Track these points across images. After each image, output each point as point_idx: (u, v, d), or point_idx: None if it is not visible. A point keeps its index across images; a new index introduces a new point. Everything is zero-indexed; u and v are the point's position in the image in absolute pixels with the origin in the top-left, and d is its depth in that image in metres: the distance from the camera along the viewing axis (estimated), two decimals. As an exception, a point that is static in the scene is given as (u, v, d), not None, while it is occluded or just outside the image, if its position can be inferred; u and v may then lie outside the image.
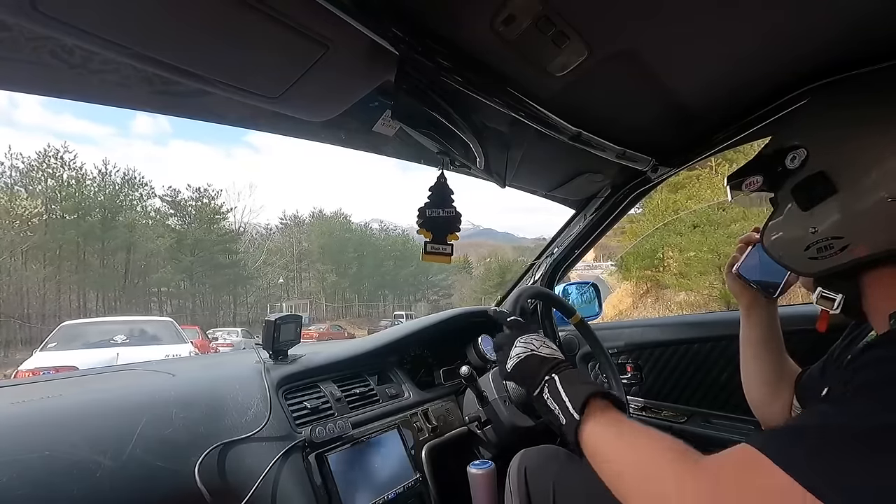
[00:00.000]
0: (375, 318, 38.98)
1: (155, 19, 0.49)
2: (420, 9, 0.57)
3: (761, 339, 0.81)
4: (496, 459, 0.99)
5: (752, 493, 0.41)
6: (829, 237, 0.56)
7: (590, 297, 1.57)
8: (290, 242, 41.16)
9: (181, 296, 32.43)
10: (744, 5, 0.58)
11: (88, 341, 5.93)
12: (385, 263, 44.52)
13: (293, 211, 50.83)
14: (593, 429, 0.57)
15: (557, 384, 0.62)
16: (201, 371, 1.04)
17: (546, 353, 0.68)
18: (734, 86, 0.77)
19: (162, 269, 30.63)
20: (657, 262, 17.37)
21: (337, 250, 41.36)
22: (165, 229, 31.84)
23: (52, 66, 0.56)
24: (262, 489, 0.75)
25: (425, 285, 48.64)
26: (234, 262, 33.67)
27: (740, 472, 0.43)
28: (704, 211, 13.71)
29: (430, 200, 0.83)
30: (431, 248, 0.84)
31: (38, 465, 0.62)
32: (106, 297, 29.13)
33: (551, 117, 0.78)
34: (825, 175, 0.55)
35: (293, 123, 0.80)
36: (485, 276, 46.19)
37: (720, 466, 0.46)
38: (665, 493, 0.47)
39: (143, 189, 31.54)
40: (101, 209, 28.80)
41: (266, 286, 37.01)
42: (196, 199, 33.19)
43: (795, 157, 0.59)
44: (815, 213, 0.57)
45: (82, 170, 28.42)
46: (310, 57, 0.58)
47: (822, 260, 0.57)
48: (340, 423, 0.89)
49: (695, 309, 15.13)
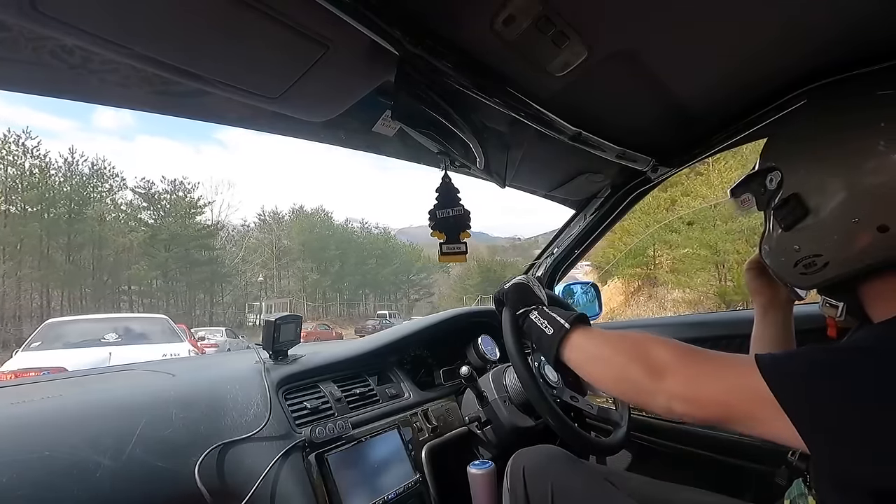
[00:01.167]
0: (357, 318, 38.16)
1: (155, 19, 0.49)
2: (420, 9, 0.57)
3: (776, 338, 0.82)
4: (496, 459, 0.99)
5: (733, 386, 0.49)
6: (811, 255, 0.57)
7: (591, 297, 1.57)
8: (269, 239, 39.87)
9: (153, 294, 30.60)
10: (744, 6, 0.58)
11: (76, 340, 5.47)
12: (367, 262, 43.76)
13: (272, 207, 49.53)
14: (582, 334, 0.65)
15: (546, 309, 0.72)
16: (201, 371, 1.04)
17: (537, 292, 0.78)
18: (734, 86, 0.77)
19: (135, 266, 28.89)
20: (647, 260, 17.38)
21: (318, 248, 40.30)
22: (138, 223, 30.03)
23: (52, 66, 0.56)
24: (262, 489, 0.75)
25: (406, 284, 48.06)
26: (212, 258, 31.84)
27: (732, 369, 0.51)
28: (702, 209, 13.72)
29: (438, 202, 0.83)
30: (447, 249, 0.84)
31: (38, 466, 0.62)
32: (71, 295, 27.16)
33: (551, 117, 0.78)
34: (798, 197, 0.56)
35: (293, 123, 0.80)
36: (464, 276, 46.04)
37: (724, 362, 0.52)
38: (657, 355, 0.55)
39: (114, 180, 29.48)
40: (66, 201, 26.63)
41: (244, 285, 35.69)
42: (171, 191, 31.22)
43: (772, 178, 0.60)
44: (795, 232, 0.58)
45: (46, 158, 26.25)
46: (310, 57, 0.58)
47: (811, 276, 0.58)
48: (340, 424, 0.89)
49: (691, 306, 15.11)
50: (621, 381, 0.59)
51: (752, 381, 0.47)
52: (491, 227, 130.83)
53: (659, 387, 0.54)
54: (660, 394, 0.54)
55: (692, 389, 0.52)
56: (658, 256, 17.12)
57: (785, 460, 0.69)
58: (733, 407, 0.49)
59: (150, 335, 5.91)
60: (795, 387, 0.46)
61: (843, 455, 0.44)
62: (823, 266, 0.56)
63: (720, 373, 0.51)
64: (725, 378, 0.50)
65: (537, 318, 0.71)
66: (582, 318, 0.69)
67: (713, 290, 14.52)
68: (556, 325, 0.67)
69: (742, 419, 0.49)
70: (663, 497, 0.83)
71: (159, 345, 5.47)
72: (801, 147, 0.58)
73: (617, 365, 0.60)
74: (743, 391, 0.48)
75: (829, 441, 0.44)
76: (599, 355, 0.63)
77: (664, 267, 16.81)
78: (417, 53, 0.59)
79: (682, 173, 3.87)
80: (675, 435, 1.28)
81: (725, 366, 0.52)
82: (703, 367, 0.53)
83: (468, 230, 0.84)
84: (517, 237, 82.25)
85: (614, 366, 0.60)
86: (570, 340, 0.65)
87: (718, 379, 0.51)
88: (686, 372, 0.53)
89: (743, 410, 0.49)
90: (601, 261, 11.15)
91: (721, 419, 0.50)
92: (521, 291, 0.77)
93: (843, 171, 0.53)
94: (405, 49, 0.58)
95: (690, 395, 0.52)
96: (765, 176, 0.61)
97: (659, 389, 0.54)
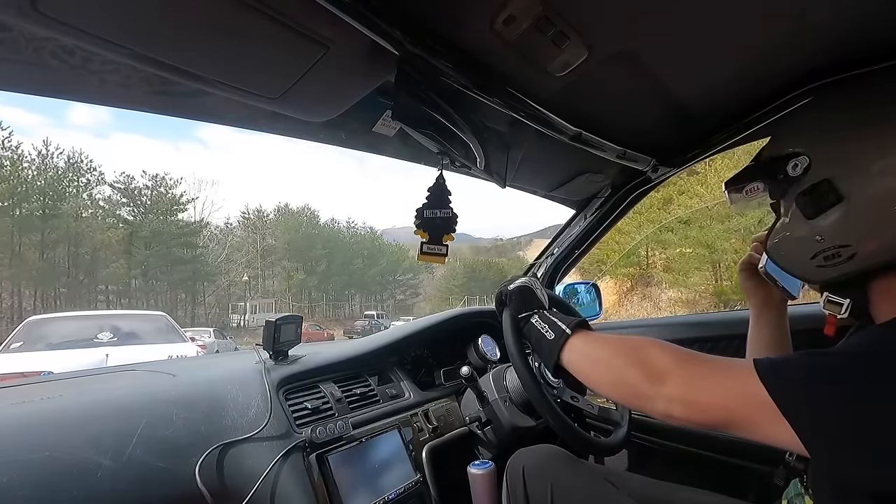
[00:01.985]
0: (343, 319, 37.54)
1: (155, 20, 0.49)
2: (420, 9, 0.57)
3: (771, 339, 0.81)
4: (496, 460, 0.99)
5: (732, 391, 0.50)
6: (836, 245, 0.55)
7: (591, 297, 1.58)
8: (253, 238, 38.42)
9: (132, 294, 28.96)
10: (744, 6, 0.58)
11: (62, 341, 4.76)
12: (354, 261, 42.84)
13: (256, 206, 48.15)
14: (583, 339, 0.65)
15: (547, 314, 0.72)
16: (201, 371, 1.04)
17: (540, 296, 0.78)
18: (734, 86, 0.77)
19: (113, 264, 27.39)
20: (639, 260, 17.33)
21: (305, 247, 39.20)
22: (117, 220, 28.67)
23: (52, 66, 0.56)
24: (263, 489, 0.75)
25: (393, 284, 47.44)
26: (194, 257, 30.43)
27: (731, 373, 0.51)
28: (699, 209, 13.70)
29: (427, 201, 0.83)
30: (427, 249, 0.84)
31: (38, 466, 0.62)
32: (45, 295, 25.74)
33: (551, 117, 0.78)
34: (830, 183, 0.54)
35: (293, 123, 0.80)
36: (449, 276, 45.70)
37: (723, 366, 0.53)
38: (656, 359, 0.55)
39: (91, 174, 27.84)
40: (40, 196, 25.08)
41: (227, 285, 34.19)
42: (152, 187, 29.71)
43: (797, 164, 0.57)
44: (820, 221, 0.55)
45: (18, 150, 24.59)
46: (310, 57, 0.58)
47: (831, 268, 0.56)
48: (341, 424, 0.89)
49: (687, 306, 15.07)
50: (620, 385, 0.59)
51: (752, 386, 0.47)
52: (474, 229, 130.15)
53: (658, 391, 0.54)
54: (659, 398, 0.54)
55: (691, 394, 0.52)
56: (651, 256, 17.10)
57: (783, 461, 0.69)
58: (733, 412, 0.49)
59: (148, 334, 5.30)
60: (795, 392, 0.46)
61: (843, 458, 0.44)
62: (848, 258, 0.54)
63: (719, 377, 0.51)
64: (725, 383, 0.50)
65: (538, 322, 0.71)
66: (583, 323, 0.69)
67: (710, 290, 14.49)
68: (558, 331, 0.67)
69: (742, 424, 0.49)
70: (663, 497, 0.83)
71: (162, 345, 4.87)
72: (836, 132, 0.56)
73: (616, 368, 0.59)
74: (742, 396, 0.48)
75: (828, 445, 0.44)
76: (598, 358, 0.63)
77: (658, 266, 16.79)
78: (417, 53, 0.59)
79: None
80: (675, 435, 1.28)
81: (725, 370, 0.51)
82: (703, 371, 0.53)
83: (452, 233, 0.84)
84: (499, 238, 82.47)
85: (613, 369, 0.60)
86: (571, 345, 0.65)
87: (718, 384, 0.51)
88: (685, 376, 0.53)
89: (742, 415, 0.49)
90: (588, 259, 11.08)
91: (720, 424, 0.50)
92: (524, 294, 0.77)
93: (885, 157, 0.51)
94: (405, 49, 0.58)
95: (690, 399, 0.52)
96: (785, 162, 0.58)
97: (658, 394, 0.54)
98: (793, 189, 0.58)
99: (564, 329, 0.67)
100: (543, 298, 0.78)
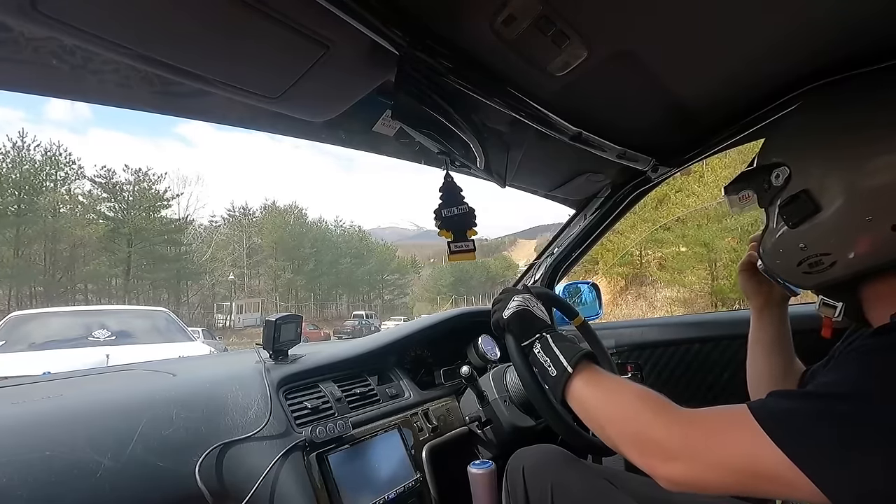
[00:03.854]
0: (331, 319, 36.99)
1: (155, 20, 0.49)
2: (420, 9, 0.57)
3: (772, 339, 0.81)
4: (496, 459, 0.99)
5: (734, 448, 0.47)
6: (818, 253, 0.56)
7: (592, 297, 1.58)
8: (238, 237, 37.54)
9: (113, 294, 27.67)
10: (744, 7, 0.58)
11: (50, 339, 4.22)
12: (341, 261, 42.19)
13: (241, 203, 46.57)
14: (584, 382, 0.63)
15: (550, 342, 0.68)
16: (201, 371, 1.04)
17: (539, 315, 0.75)
18: (734, 86, 0.77)
19: (93, 262, 26.25)
20: (633, 259, 17.26)
21: (293, 246, 38.42)
22: (97, 215, 27.22)
23: (52, 66, 0.56)
24: (263, 489, 0.75)
25: (381, 284, 47.00)
26: (179, 255, 29.38)
27: (728, 427, 0.48)
28: (697, 208, 13.69)
29: (442, 201, 0.83)
30: (455, 248, 0.83)
31: (38, 466, 0.62)
32: (20, 294, 24.69)
33: (551, 117, 0.78)
34: (808, 193, 0.55)
35: (293, 123, 0.80)
36: (436, 276, 45.45)
37: (713, 418, 0.51)
38: (655, 437, 0.52)
39: (70, 168, 26.40)
40: (15, 189, 23.83)
41: (212, 284, 33.20)
42: (134, 182, 28.34)
43: (779, 174, 0.58)
44: (802, 229, 0.56)
45: None
46: (310, 57, 0.58)
47: (816, 275, 0.57)
48: (341, 423, 0.89)
49: (683, 305, 15.04)
50: (620, 449, 0.57)
51: (763, 451, 0.44)
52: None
53: (659, 473, 0.52)
54: (661, 479, 0.52)
55: (699, 475, 0.49)
56: (645, 255, 17.03)
57: None
58: (746, 486, 0.47)
59: (149, 333, 4.77)
60: (811, 451, 0.43)
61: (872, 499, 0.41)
62: (830, 265, 0.55)
63: (726, 449, 0.48)
64: (732, 452, 0.47)
65: (541, 353, 0.69)
66: (587, 355, 0.65)
67: (707, 288, 14.43)
68: (559, 368, 0.65)
69: (761, 488, 0.46)
70: (663, 497, 0.83)
71: (168, 345, 4.35)
72: (812, 143, 0.57)
73: (614, 437, 0.57)
74: (755, 464, 0.45)
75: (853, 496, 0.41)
76: (597, 418, 0.60)
77: (653, 265, 16.72)
78: (417, 53, 0.59)
79: (681, 173, 3.87)
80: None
81: (726, 431, 0.48)
82: (706, 442, 0.49)
83: (475, 227, 0.83)
84: (484, 238, 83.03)
85: (611, 437, 0.58)
86: (572, 389, 0.63)
87: (725, 456, 0.48)
88: (689, 454, 0.50)
89: (758, 486, 0.46)
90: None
91: (737, 493, 0.49)
92: (524, 319, 0.75)
93: (857, 168, 0.52)
94: (405, 49, 0.58)
95: (699, 482, 0.50)
96: (769, 171, 0.59)
97: (659, 476, 0.52)
98: (776, 198, 0.59)
99: (566, 367, 0.64)
100: (543, 315, 0.76)
